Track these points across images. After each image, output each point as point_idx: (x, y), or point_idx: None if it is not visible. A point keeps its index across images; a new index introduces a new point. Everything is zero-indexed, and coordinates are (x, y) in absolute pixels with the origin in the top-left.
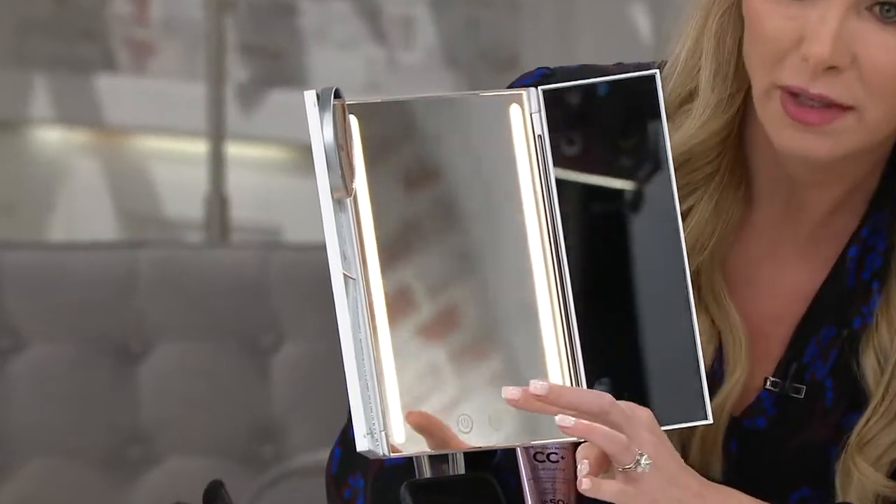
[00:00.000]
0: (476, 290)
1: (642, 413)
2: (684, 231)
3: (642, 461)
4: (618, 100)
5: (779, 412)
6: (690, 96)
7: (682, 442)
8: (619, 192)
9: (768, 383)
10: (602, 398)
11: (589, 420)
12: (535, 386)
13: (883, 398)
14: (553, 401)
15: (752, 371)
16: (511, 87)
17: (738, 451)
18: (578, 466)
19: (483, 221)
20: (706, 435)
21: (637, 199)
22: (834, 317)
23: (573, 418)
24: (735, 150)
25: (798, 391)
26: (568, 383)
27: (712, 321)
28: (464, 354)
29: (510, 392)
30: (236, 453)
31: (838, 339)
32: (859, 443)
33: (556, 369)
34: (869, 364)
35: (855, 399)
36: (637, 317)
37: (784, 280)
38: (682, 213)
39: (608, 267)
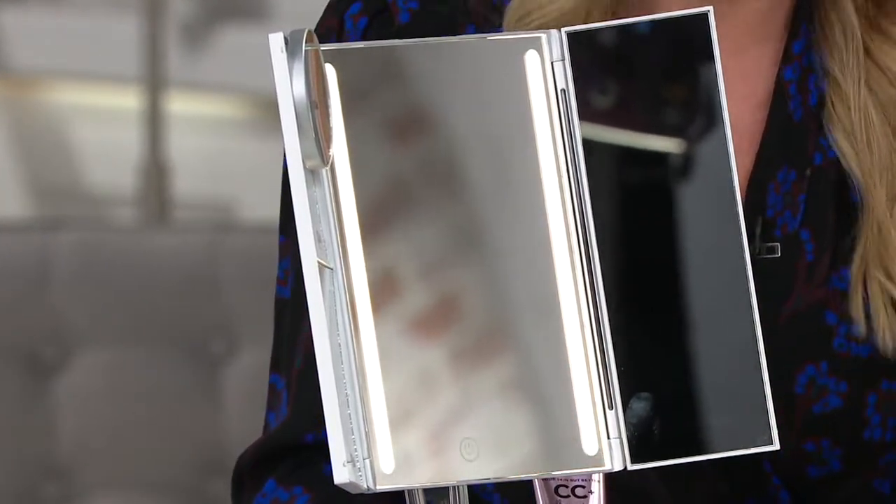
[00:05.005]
0: (482, 283)
1: None
2: None
3: None
4: (663, 43)
5: (758, 280)
6: None
7: None
8: (662, 157)
9: None
10: None
11: None
12: None
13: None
14: None
15: None
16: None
17: None
18: None
19: (491, 197)
20: None
21: (686, 166)
22: (789, 156)
23: None
24: None
25: (773, 250)
26: (597, 396)
27: None
28: (467, 362)
29: None
30: (181, 491)
31: (802, 182)
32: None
33: (582, 379)
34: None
35: (837, 251)
36: (683, 314)
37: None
38: None
39: (648, 251)
